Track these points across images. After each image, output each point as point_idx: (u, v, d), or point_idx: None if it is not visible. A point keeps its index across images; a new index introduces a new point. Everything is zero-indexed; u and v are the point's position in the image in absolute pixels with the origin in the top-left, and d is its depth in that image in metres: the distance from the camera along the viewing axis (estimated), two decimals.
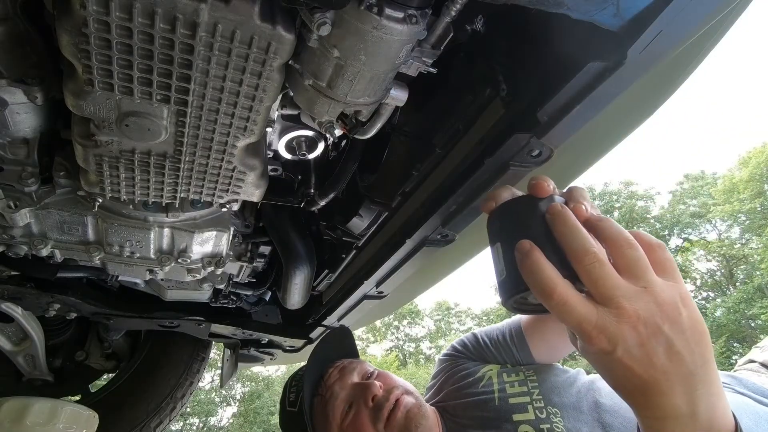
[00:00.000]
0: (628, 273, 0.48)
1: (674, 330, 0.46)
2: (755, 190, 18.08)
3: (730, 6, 0.56)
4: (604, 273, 0.47)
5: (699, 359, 0.47)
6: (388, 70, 0.65)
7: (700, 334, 0.48)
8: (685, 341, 0.47)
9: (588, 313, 0.47)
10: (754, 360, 1.12)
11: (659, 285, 0.48)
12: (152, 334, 2.10)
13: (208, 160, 0.81)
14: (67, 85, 0.66)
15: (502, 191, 0.59)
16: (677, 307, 0.47)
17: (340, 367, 1.11)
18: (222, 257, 1.20)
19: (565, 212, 0.51)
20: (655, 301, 0.47)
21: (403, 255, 1.06)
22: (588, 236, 0.49)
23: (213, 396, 19.03)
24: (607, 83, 0.58)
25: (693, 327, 0.47)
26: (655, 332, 0.46)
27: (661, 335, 0.46)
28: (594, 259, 0.48)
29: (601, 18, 0.53)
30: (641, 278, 0.47)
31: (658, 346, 0.46)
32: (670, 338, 0.46)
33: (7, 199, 0.93)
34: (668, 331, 0.46)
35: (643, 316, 0.46)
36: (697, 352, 0.47)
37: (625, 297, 0.46)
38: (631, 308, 0.46)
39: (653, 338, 0.46)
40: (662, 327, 0.46)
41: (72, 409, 1.45)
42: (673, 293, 0.48)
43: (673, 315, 0.47)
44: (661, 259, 0.50)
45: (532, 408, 0.93)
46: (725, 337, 16.44)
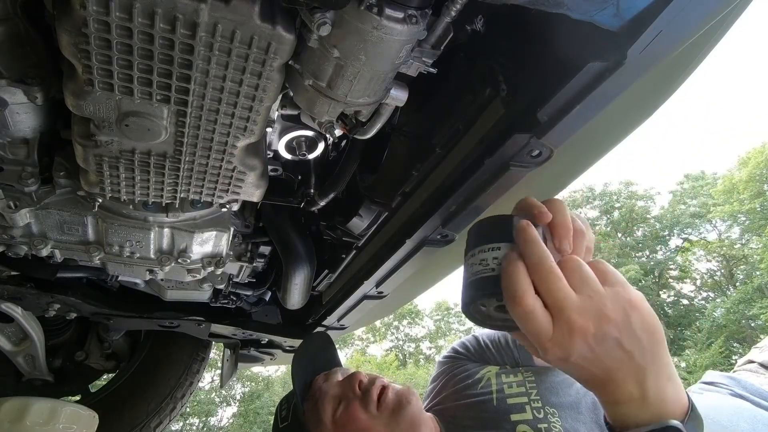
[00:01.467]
0: (574, 284, 0.54)
1: (622, 332, 0.53)
2: (755, 191, 18.08)
3: (730, 6, 0.56)
4: (557, 285, 0.53)
5: (648, 354, 0.53)
6: (388, 70, 0.65)
7: (649, 333, 0.54)
8: (634, 339, 0.53)
9: (546, 326, 0.53)
10: (753, 360, 1.12)
11: (602, 292, 0.53)
12: (152, 334, 2.10)
13: (208, 160, 0.81)
14: (67, 85, 0.66)
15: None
16: (623, 310, 0.53)
17: (325, 373, 1.13)
18: (222, 257, 1.20)
19: (529, 228, 0.57)
20: (601, 309, 0.53)
21: (403, 255, 1.06)
22: (545, 251, 0.55)
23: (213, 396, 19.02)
24: (607, 83, 0.58)
25: (642, 327, 0.53)
26: (603, 337, 0.53)
27: (609, 339, 0.53)
28: (549, 269, 0.54)
29: (601, 18, 0.53)
30: (585, 287, 0.53)
31: (608, 349, 0.53)
32: (618, 339, 0.53)
33: (7, 199, 0.93)
34: (616, 334, 0.53)
35: (592, 327, 0.52)
36: (647, 348, 0.53)
37: (575, 310, 0.52)
38: (580, 321, 0.52)
39: (603, 343, 0.53)
40: (610, 332, 0.52)
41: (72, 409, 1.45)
42: (617, 299, 0.53)
43: (619, 319, 0.53)
44: (604, 272, 0.56)
45: (530, 408, 0.94)
46: (725, 337, 16.43)
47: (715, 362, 15.29)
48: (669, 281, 21.40)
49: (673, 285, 21.42)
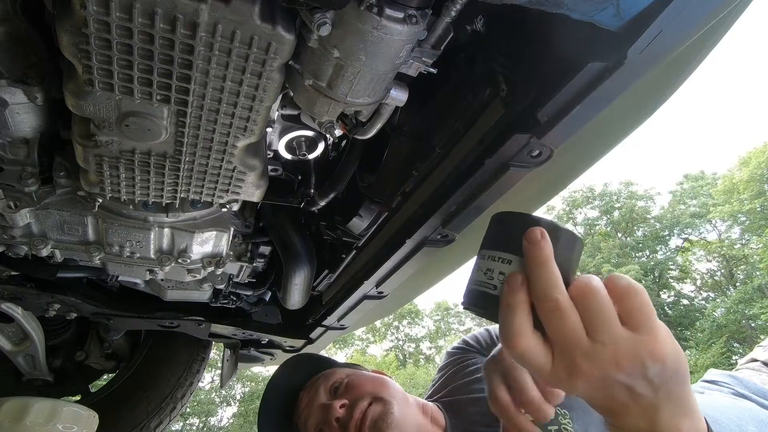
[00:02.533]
0: (589, 326, 0.47)
1: (635, 379, 0.47)
2: (755, 191, 18.07)
3: (730, 6, 0.56)
4: (563, 325, 0.47)
5: (663, 394, 0.48)
6: (388, 70, 0.65)
7: (669, 378, 0.48)
8: (648, 385, 0.47)
9: (543, 365, 0.48)
10: (756, 359, 1.12)
11: (622, 342, 0.47)
12: (152, 334, 2.10)
13: (208, 161, 0.81)
14: (67, 85, 0.66)
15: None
16: (641, 362, 0.47)
17: (310, 388, 1.09)
18: (222, 257, 1.20)
19: (540, 245, 0.49)
20: (615, 360, 0.46)
21: (403, 255, 1.06)
22: (554, 279, 0.48)
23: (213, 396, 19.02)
24: (607, 83, 0.58)
25: (662, 375, 0.47)
26: (611, 383, 0.47)
27: (619, 384, 0.47)
28: (555, 306, 0.47)
29: (600, 18, 0.53)
30: (602, 333, 0.47)
31: (615, 391, 0.48)
32: (629, 386, 0.47)
33: (7, 199, 0.93)
34: (628, 381, 0.47)
35: (597, 375, 0.47)
36: (662, 390, 0.48)
37: (582, 355, 0.47)
38: (585, 368, 0.47)
39: (609, 387, 0.48)
40: (620, 380, 0.47)
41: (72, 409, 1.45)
42: (637, 349, 0.47)
43: (635, 370, 0.47)
44: (632, 309, 0.48)
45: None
46: (725, 338, 16.43)
47: (715, 362, 15.29)
48: (669, 281, 21.40)
49: (673, 285, 21.42)
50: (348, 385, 1.05)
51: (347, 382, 1.05)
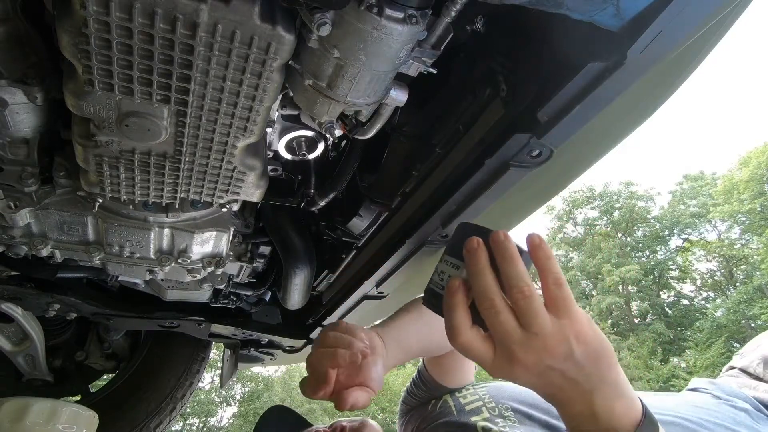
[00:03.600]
0: (521, 319, 0.54)
1: (566, 363, 0.54)
2: (755, 191, 18.07)
3: (730, 6, 0.56)
4: (499, 321, 0.54)
5: (595, 378, 0.55)
6: (388, 70, 0.65)
7: (595, 360, 0.55)
8: (578, 368, 0.54)
9: (485, 357, 0.56)
10: (734, 366, 1.18)
11: (549, 329, 0.53)
12: (152, 334, 2.10)
13: (208, 161, 0.81)
14: (67, 85, 0.66)
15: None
16: (568, 345, 0.54)
17: None
18: (222, 257, 1.20)
19: (476, 254, 0.57)
20: (545, 345, 0.53)
21: (403, 255, 1.06)
22: (490, 282, 0.55)
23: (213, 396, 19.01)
24: (607, 83, 0.58)
25: (587, 357, 0.54)
26: (545, 370, 0.55)
27: (552, 370, 0.55)
28: (491, 305, 0.54)
29: (600, 18, 0.53)
30: (532, 324, 0.53)
31: (551, 378, 0.55)
32: (562, 370, 0.55)
33: (7, 199, 0.93)
34: (559, 366, 0.54)
35: (533, 361, 0.54)
36: (593, 374, 0.55)
37: (517, 344, 0.54)
38: (522, 356, 0.54)
39: (545, 374, 0.55)
40: (553, 365, 0.54)
41: (72, 409, 1.45)
42: (563, 333, 0.54)
43: (563, 353, 0.54)
44: (556, 298, 0.55)
45: (486, 409, 1.00)
46: (725, 338, 16.43)
47: (715, 362, 15.28)
48: (669, 281, 21.39)
49: (673, 285, 21.42)
50: (328, 426, 1.15)
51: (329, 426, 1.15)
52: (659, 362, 17.37)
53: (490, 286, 0.55)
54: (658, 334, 18.53)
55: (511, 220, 1.07)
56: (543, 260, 0.55)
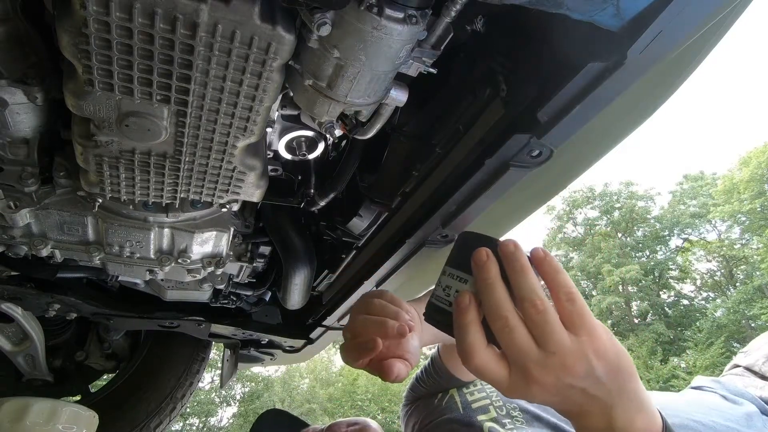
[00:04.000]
0: (537, 337, 0.51)
1: (586, 381, 0.51)
2: (755, 191, 18.06)
3: (730, 6, 0.56)
4: (512, 339, 0.51)
5: (615, 392, 0.52)
6: (388, 70, 0.65)
7: (616, 375, 0.52)
8: (599, 384, 0.52)
9: (501, 378, 0.53)
10: (738, 365, 1.16)
11: (566, 347, 0.51)
12: (152, 335, 2.10)
13: (208, 161, 0.81)
14: (67, 85, 0.66)
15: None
16: (588, 363, 0.51)
17: None
18: (222, 257, 1.20)
19: (486, 267, 0.53)
20: (564, 364, 0.50)
21: (403, 255, 1.06)
22: (502, 298, 0.52)
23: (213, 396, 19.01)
24: (607, 83, 0.58)
25: (608, 373, 0.52)
26: (564, 388, 0.52)
27: (573, 388, 0.52)
28: (504, 324, 0.51)
29: (600, 18, 0.53)
30: (549, 343, 0.51)
31: (571, 395, 0.52)
32: (583, 387, 0.52)
33: (7, 199, 0.93)
34: (580, 384, 0.51)
35: (552, 382, 0.51)
36: (613, 388, 0.52)
37: (533, 363, 0.51)
38: (539, 376, 0.51)
39: (564, 391, 0.52)
40: (573, 383, 0.51)
41: (72, 409, 1.45)
42: (582, 350, 0.51)
43: (583, 371, 0.51)
44: (571, 314, 0.52)
45: (493, 408, 0.98)
46: (725, 338, 16.43)
47: (715, 362, 15.28)
48: (669, 281, 21.39)
49: (673, 285, 21.41)
50: (325, 428, 1.14)
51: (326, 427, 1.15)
52: (659, 362, 17.37)
53: (503, 302, 0.52)
54: (658, 334, 18.53)
55: (511, 220, 1.07)
56: (551, 274, 0.53)
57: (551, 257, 0.54)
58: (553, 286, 0.53)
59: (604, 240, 22.25)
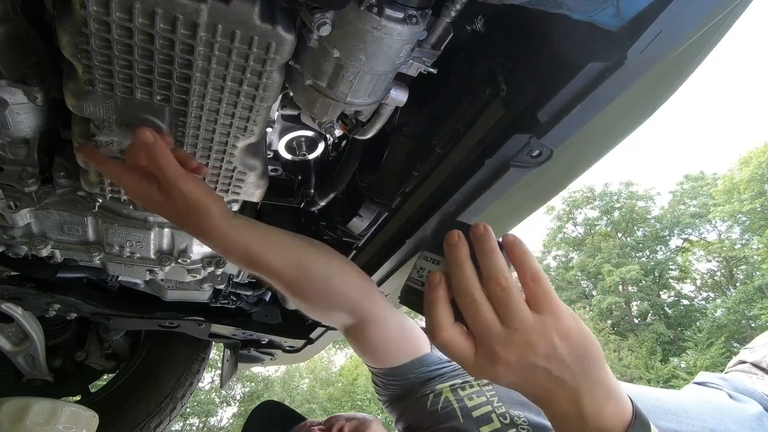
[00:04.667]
0: (501, 314, 0.52)
1: (550, 361, 0.52)
2: (756, 191, 18.06)
3: (730, 6, 0.56)
4: (479, 316, 0.52)
5: (580, 376, 0.53)
6: (388, 70, 0.65)
7: (580, 357, 0.52)
8: (563, 366, 0.52)
9: (466, 355, 0.53)
10: (744, 361, 1.13)
11: (530, 325, 0.51)
12: (152, 335, 2.10)
13: (209, 161, 0.81)
14: (67, 85, 0.66)
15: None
16: (550, 342, 0.51)
17: None
18: (222, 257, 1.20)
19: (456, 247, 0.55)
20: (527, 341, 0.51)
21: (403, 255, 1.06)
22: (469, 276, 0.53)
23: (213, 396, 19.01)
24: (607, 83, 0.58)
25: (572, 354, 0.52)
26: (529, 367, 0.52)
27: (536, 368, 0.52)
28: (471, 300, 0.52)
29: (601, 18, 0.53)
30: (512, 320, 0.51)
31: (535, 376, 0.53)
32: (546, 368, 0.52)
33: (7, 199, 0.93)
34: (543, 363, 0.52)
35: (515, 359, 0.52)
36: (578, 371, 0.52)
37: (498, 341, 0.52)
38: (503, 353, 0.52)
39: (529, 371, 0.52)
40: (536, 362, 0.52)
41: (72, 410, 1.45)
42: (545, 329, 0.51)
43: (546, 350, 0.51)
44: (536, 294, 0.52)
45: (496, 416, 0.92)
46: (725, 338, 16.43)
47: (715, 362, 15.28)
48: (669, 281, 21.39)
49: (673, 285, 21.41)
50: (323, 421, 1.08)
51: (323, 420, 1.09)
52: (659, 362, 17.37)
53: (469, 279, 0.53)
54: (658, 334, 18.53)
55: (511, 220, 1.07)
56: (519, 256, 0.54)
57: (521, 242, 0.55)
58: (520, 266, 0.54)
59: (604, 240, 22.25)
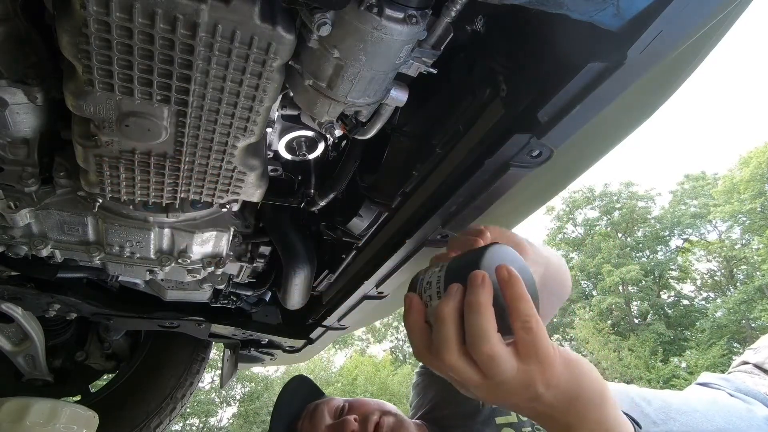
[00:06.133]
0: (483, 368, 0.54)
1: (533, 403, 0.55)
2: (756, 191, 18.05)
3: (730, 6, 0.56)
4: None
5: (573, 416, 0.55)
6: (388, 70, 0.65)
7: (571, 400, 0.55)
8: (550, 408, 0.55)
9: (474, 378, 0.54)
10: (747, 362, 1.13)
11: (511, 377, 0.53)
12: (152, 335, 2.10)
13: (208, 161, 0.81)
14: (67, 86, 0.66)
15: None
16: (533, 391, 0.54)
17: (308, 416, 1.04)
18: (222, 257, 1.20)
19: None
20: (506, 393, 0.54)
21: (403, 255, 1.06)
22: (489, 326, 0.53)
23: (213, 396, 19.01)
24: (607, 83, 0.58)
25: (558, 399, 0.55)
26: (512, 407, 0.58)
27: (519, 408, 0.58)
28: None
29: (600, 18, 0.53)
30: (493, 375, 0.53)
31: (523, 411, 0.58)
32: (531, 408, 0.56)
33: (7, 199, 0.93)
34: (526, 405, 0.56)
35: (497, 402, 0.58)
36: (570, 412, 0.55)
37: (476, 389, 0.55)
38: (483, 397, 0.56)
39: (515, 408, 0.60)
40: (518, 404, 0.56)
41: (72, 410, 1.45)
42: (529, 378, 0.54)
43: (528, 397, 0.55)
44: (524, 342, 0.53)
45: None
46: (726, 338, 16.42)
47: (716, 363, 15.28)
48: (669, 281, 21.39)
49: (673, 285, 21.41)
50: (351, 405, 1.03)
51: (350, 403, 1.04)
52: (660, 362, 17.37)
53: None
54: (658, 334, 18.53)
55: (511, 220, 1.07)
56: (512, 300, 0.53)
57: (516, 279, 0.54)
58: (512, 311, 0.53)
59: (604, 240, 22.24)
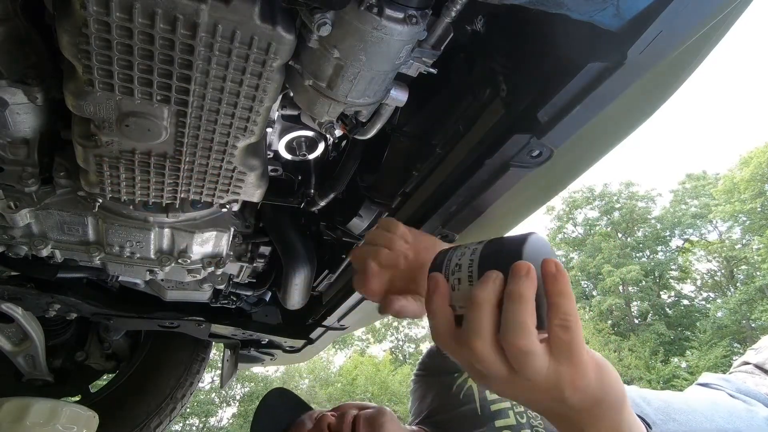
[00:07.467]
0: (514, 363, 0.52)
1: (554, 403, 0.53)
2: (756, 190, 18.05)
3: (730, 6, 0.56)
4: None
5: (587, 419, 0.54)
6: (388, 70, 0.65)
7: (590, 406, 0.53)
8: (569, 410, 0.53)
9: (502, 372, 0.52)
10: (748, 362, 1.13)
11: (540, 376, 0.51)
12: (152, 335, 2.10)
13: (209, 161, 0.81)
14: (67, 86, 0.66)
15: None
16: (559, 392, 0.52)
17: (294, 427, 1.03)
18: (222, 257, 1.20)
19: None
20: (531, 390, 0.52)
21: None
22: (529, 320, 0.51)
23: (213, 396, 19.01)
24: (607, 83, 0.58)
25: (583, 403, 0.53)
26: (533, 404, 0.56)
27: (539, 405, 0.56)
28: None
29: (601, 18, 0.53)
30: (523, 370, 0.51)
31: (540, 409, 0.57)
32: (550, 407, 0.55)
33: (7, 199, 0.93)
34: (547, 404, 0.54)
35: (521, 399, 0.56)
36: (584, 416, 0.54)
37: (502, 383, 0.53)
38: (504, 392, 0.55)
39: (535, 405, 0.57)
40: (539, 400, 0.54)
41: (72, 410, 1.45)
42: (559, 378, 0.51)
43: (552, 397, 0.53)
44: (560, 342, 0.52)
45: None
46: (728, 339, 16.42)
47: (717, 363, 15.27)
48: (669, 282, 21.38)
49: (673, 285, 21.40)
50: (333, 409, 1.04)
51: (333, 407, 1.05)
52: (660, 363, 17.37)
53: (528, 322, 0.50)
54: (658, 334, 18.53)
55: (511, 220, 1.07)
56: (554, 296, 0.51)
57: (562, 275, 0.51)
58: (552, 307, 0.51)
59: (604, 240, 22.24)
